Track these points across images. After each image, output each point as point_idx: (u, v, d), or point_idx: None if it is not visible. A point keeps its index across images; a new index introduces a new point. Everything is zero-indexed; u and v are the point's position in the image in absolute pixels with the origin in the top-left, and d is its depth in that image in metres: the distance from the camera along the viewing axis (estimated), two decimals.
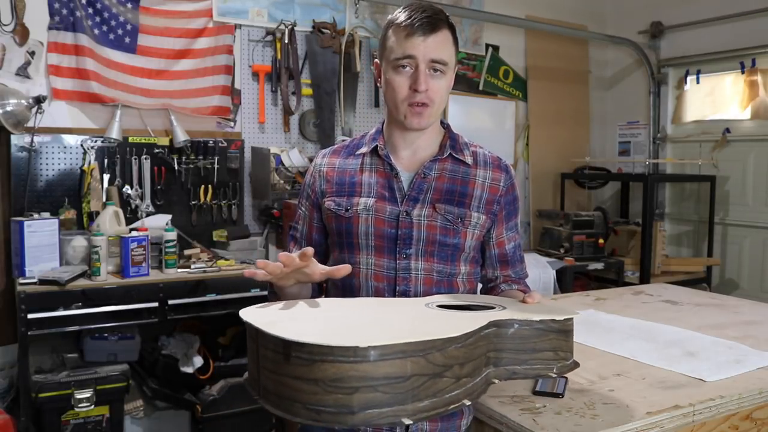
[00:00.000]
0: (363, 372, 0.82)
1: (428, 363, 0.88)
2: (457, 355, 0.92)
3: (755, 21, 4.03)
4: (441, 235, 1.33)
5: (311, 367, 0.83)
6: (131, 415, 2.96)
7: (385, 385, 0.84)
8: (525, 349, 1.08)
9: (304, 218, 1.47)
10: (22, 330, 2.53)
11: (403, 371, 0.85)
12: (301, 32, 3.67)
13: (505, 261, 1.45)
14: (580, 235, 4.02)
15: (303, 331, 0.90)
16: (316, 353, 0.83)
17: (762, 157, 4.13)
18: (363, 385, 0.83)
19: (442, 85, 1.31)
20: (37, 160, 3.00)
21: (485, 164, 1.41)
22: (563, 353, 1.13)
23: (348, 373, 0.82)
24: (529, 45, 4.62)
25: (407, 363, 0.85)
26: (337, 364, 0.82)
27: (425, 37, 1.27)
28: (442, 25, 1.30)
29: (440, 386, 0.89)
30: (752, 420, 1.47)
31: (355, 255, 1.35)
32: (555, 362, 1.11)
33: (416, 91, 1.28)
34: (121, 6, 3.18)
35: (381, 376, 0.83)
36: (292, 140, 3.71)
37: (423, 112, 1.31)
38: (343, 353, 0.82)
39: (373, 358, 0.82)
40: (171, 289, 2.80)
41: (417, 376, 0.86)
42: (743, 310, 2.23)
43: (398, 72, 1.30)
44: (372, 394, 0.83)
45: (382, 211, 1.34)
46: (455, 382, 0.92)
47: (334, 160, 1.44)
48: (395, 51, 1.29)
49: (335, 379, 0.83)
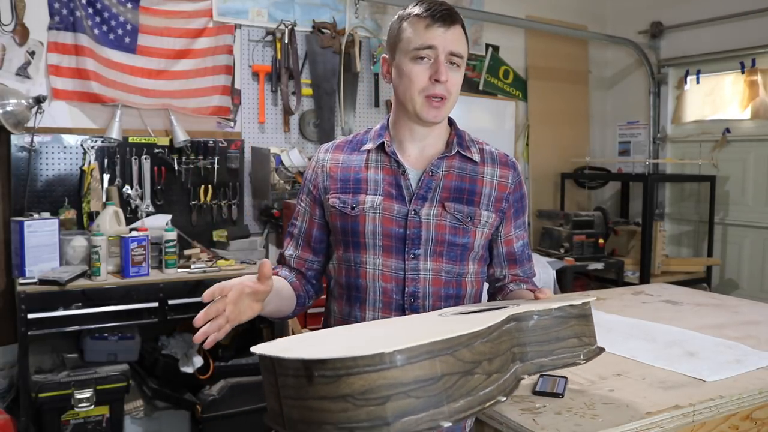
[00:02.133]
0: (392, 379, 0.78)
1: (457, 360, 0.85)
2: (484, 350, 0.90)
3: (755, 21, 4.03)
4: (450, 235, 1.31)
5: (337, 383, 0.79)
6: (131, 415, 2.96)
7: (417, 389, 0.80)
8: (549, 340, 1.06)
9: (304, 214, 1.43)
10: (22, 330, 2.53)
11: (433, 372, 0.82)
12: (301, 32, 3.67)
13: (513, 259, 1.44)
14: (580, 235, 4.02)
15: (321, 351, 0.86)
16: (340, 368, 0.79)
17: (762, 157, 4.13)
18: (394, 392, 0.78)
19: (458, 79, 1.31)
20: (37, 160, 3.00)
21: (493, 161, 1.39)
22: (587, 338, 1.10)
23: (377, 382, 0.78)
24: (529, 45, 4.62)
25: (436, 363, 0.82)
26: (364, 375, 0.78)
27: (446, 29, 1.27)
28: (458, 20, 1.30)
29: (473, 384, 0.87)
30: (752, 420, 1.47)
31: (361, 254, 1.32)
32: (581, 348, 1.08)
33: (437, 81, 1.26)
34: (121, 6, 3.18)
35: (411, 380, 0.79)
36: (292, 140, 3.71)
37: (441, 106, 1.29)
38: (369, 362, 0.78)
39: (401, 362, 0.79)
40: (171, 289, 2.80)
41: (448, 375, 0.83)
42: (743, 310, 2.23)
43: (417, 62, 1.27)
44: (405, 400, 0.79)
45: (389, 209, 1.31)
46: (487, 378, 0.89)
47: (337, 156, 1.40)
48: (414, 41, 1.27)
49: (364, 392, 0.78)
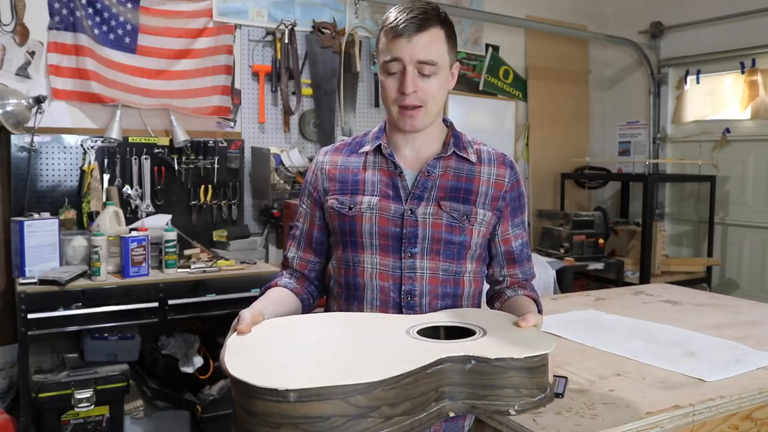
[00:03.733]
0: (284, 410, 0.90)
1: (349, 405, 0.92)
2: (385, 396, 0.95)
3: (755, 21, 4.03)
4: (447, 233, 1.32)
5: (249, 401, 0.93)
6: (131, 415, 2.96)
7: (305, 423, 0.90)
8: (483, 385, 1.06)
9: (306, 216, 1.46)
10: (22, 330, 2.53)
11: (321, 412, 0.90)
12: (301, 32, 3.67)
13: (512, 259, 1.44)
14: (580, 235, 4.03)
15: (252, 366, 1.00)
16: (251, 390, 0.92)
17: (762, 157, 4.13)
18: (286, 422, 0.91)
19: (433, 86, 1.29)
20: (37, 160, 3.00)
21: (489, 161, 1.40)
22: (527, 390, 1.08)
23: (272, 410, 0.91)
24: (529, 45, 4.62)
25: (326, 405, 0.91)
26: (265, 401, 0.91)
27: (410, 38, 1.25)
28: (431, 23, 1.27)
29: (364, 425, 0.93)
30: (752, 420, 1.47)
31: (359, 254, 1.34)
32: (516, 399, 1.07)
33: (403, 94, 1.27)
34: (121, 6, 3.18)
35: (301, 415, 0.90)
36: (292, 140, 3.71)
37: (415, 115, 1.30)
38: (267, 393, 0.91)
39: (293, 399, 0.90)
40: (171, 289, 2.80)
41: (337, 416, 0.91)
42: (743, 310, 2.23)
43: (387, 76, 1.30)
44: (294, 430, 0.91)
45: (386, 209, 1.33)
46: (384, 421, 0.95)
47: (336, 158, 1.43)
48: (383, 54, 1.30)
49: (264, 414, 0.92)
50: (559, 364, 1.57)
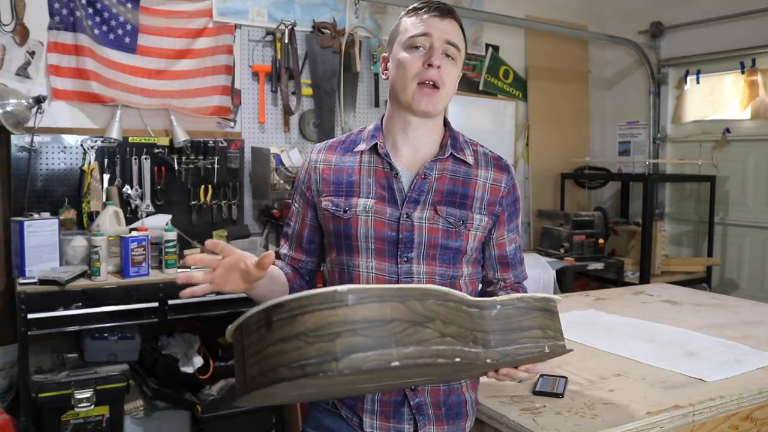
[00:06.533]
0: (343, 316, 0.84)
1: (408, 310, 0.88)
2: (437, 310, 0.92)
3: (755, 21, 4.03)
4: (443, 239, 1.30)
5: (292, 323, 0.85)
6: (131, 415, 2.96)
7: (366, 328, 0.84)
8: (512, 329, 1.07)
9: (297, 215, 1.44)
10: (22, 330, 2.53)
11: (382, 315, 0.86)
12: (301, 32, 3.67)
13: (506, 263, 1.43)
14: (580, 235, 4.03)
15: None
16: (296, 308, 0.85)
17: (762, 157, 4.13)
18: (344, 329, 0.83)
19: (452, 71, 1.31)
20: (37, 160, 3.00)
21: (486, 164, 1.38)
22: (552, 332, 1.12)
23: (328, 319, 0.84)
24: (529, 45, 4.62)
25: (386, 307, 0.86)
26: (316, 313, 0.84)
27: (442, 19, 1.29)
28: (456, 16, 1.33)
29: (424, 336, 0.89)
30: (752, 420, 1.47)
31: (354, 258, 1.32)
32: (545, 340, 1.10)
33: (430, 66, 1.26)
34: (121, 6, 3.17)
35: (361, 319, 0.84)
36: (292, 140, 3.71)
37: (432, 95, 1.28)
38: (322, 300, 0.84)
39: (352, 301, 0.84)
40: (171, 289, 2.80)
41: (398, 321, 0.87)
42: (743, 310, 2.24)
43: (412, 51, 1.29)
44: (354, 337, 0.83)
45: (382, 213, 1.30)
46: (440, 337, 0.91)
47: (330, 157, 1.40)
48: (410, 31, 1.29)
49: (316, 329, 0.84)
50: (559, 364, 1.57)
